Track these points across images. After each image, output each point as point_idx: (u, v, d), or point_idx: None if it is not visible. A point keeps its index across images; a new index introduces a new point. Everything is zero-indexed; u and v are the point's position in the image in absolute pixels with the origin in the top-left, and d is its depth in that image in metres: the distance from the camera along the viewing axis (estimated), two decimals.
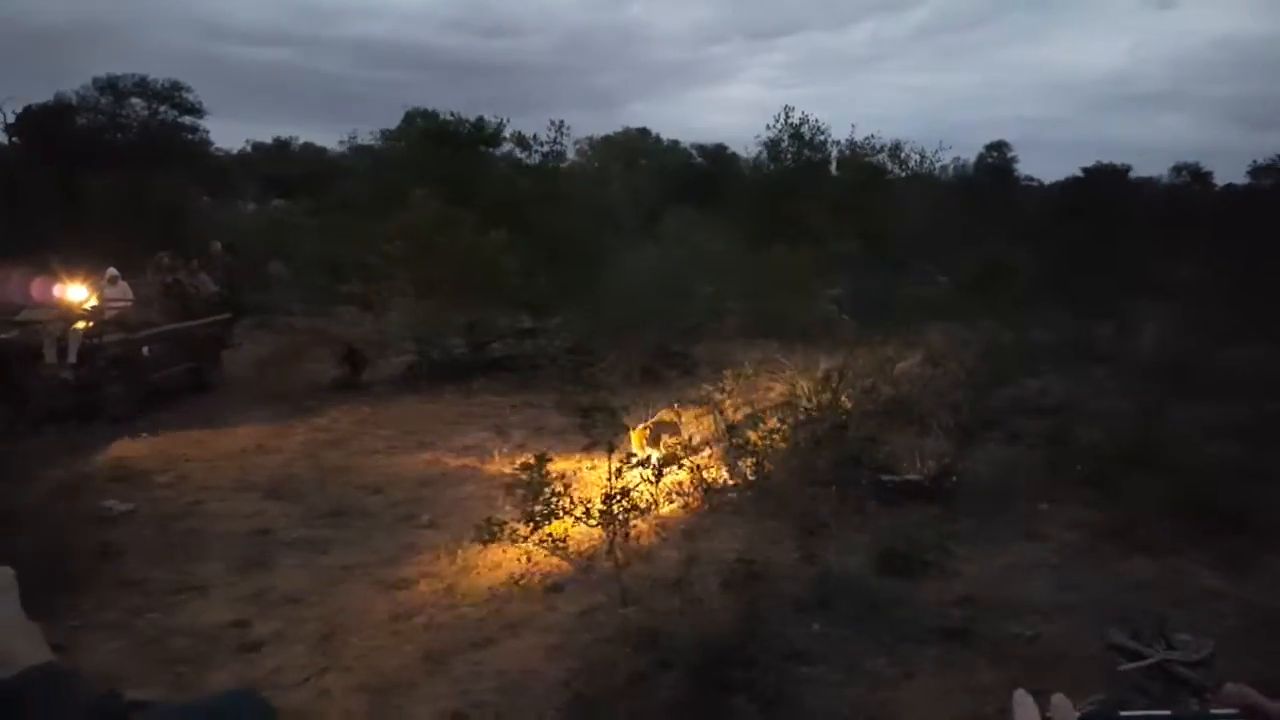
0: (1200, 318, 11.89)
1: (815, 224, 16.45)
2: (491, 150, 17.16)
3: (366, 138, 21.63)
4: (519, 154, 17.04)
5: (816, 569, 6.27)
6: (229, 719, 0.62)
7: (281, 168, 40.91)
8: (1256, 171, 41.46)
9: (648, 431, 7.63)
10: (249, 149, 46.73)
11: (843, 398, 7.20)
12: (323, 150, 42.49)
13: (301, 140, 48.15)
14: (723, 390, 7.87)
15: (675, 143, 40.48)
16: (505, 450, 9.70)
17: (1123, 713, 0.72)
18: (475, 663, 5.52)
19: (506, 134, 16.51)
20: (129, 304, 12.64)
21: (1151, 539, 7.12)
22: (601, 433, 5.40)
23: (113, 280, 12.64)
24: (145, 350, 12.26)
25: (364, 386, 13.69)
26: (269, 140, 48.31)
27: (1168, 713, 0.72)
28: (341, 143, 26.55)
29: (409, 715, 5.02)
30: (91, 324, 11.58)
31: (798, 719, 4.83)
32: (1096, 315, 13.78)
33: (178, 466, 9.74)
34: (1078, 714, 0.71)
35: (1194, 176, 42.47)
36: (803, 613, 5.77)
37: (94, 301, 12.09)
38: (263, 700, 0.64)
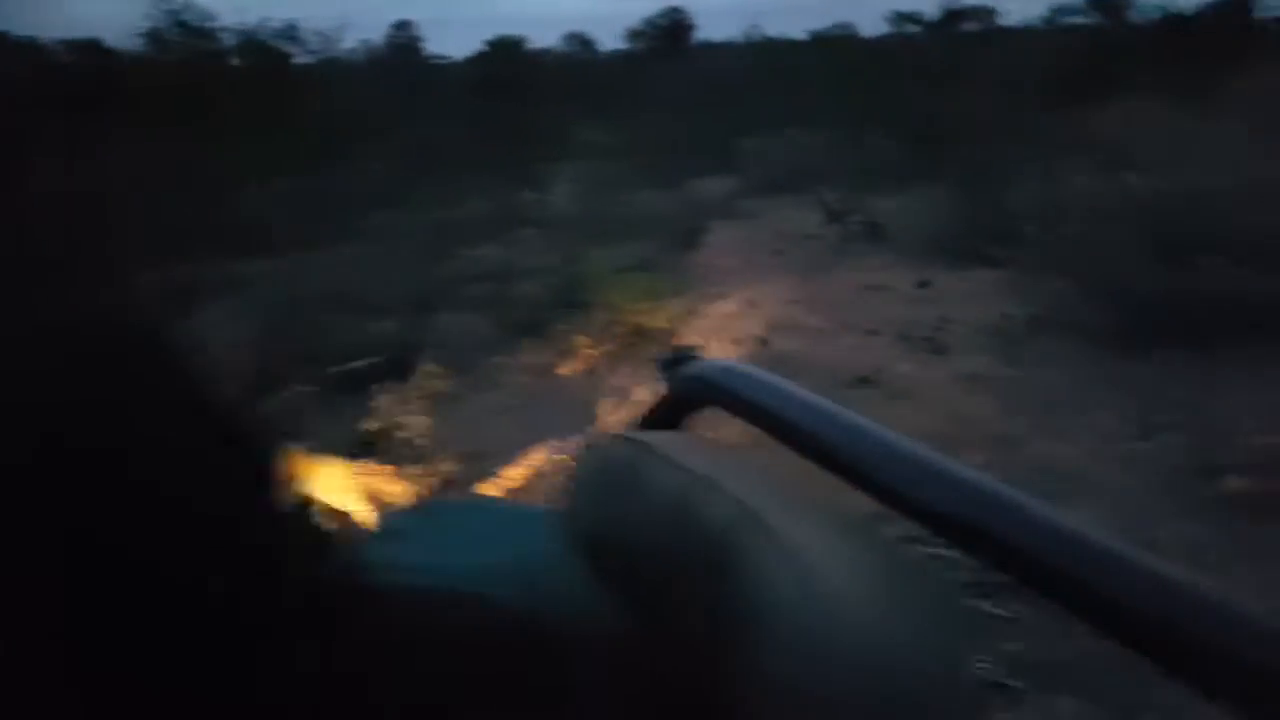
0: (610, 174, 13.69)
1: (219, 122, 15.04)
2: None
3: None
4: None
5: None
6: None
7: None
8: (632, 36, 48.42)
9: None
10: None
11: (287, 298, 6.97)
12: None
13: None
14: None
15: (32, 40, 33.20)
16: None
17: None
18: None
19: None
20: None
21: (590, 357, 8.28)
22: None
23: None
24: None
25: None
26: None
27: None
28: None
29: None
30: None
31: None
32: (520, 183, 14.94)
33: None
34: None
35: (583, 44, 47.90)
36: None
37: None
38: None
